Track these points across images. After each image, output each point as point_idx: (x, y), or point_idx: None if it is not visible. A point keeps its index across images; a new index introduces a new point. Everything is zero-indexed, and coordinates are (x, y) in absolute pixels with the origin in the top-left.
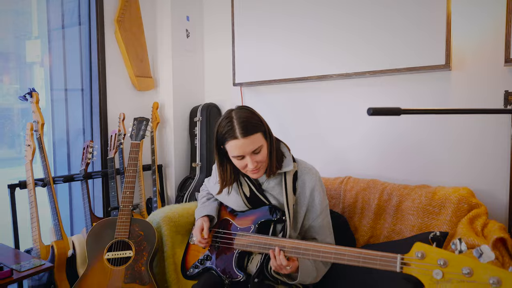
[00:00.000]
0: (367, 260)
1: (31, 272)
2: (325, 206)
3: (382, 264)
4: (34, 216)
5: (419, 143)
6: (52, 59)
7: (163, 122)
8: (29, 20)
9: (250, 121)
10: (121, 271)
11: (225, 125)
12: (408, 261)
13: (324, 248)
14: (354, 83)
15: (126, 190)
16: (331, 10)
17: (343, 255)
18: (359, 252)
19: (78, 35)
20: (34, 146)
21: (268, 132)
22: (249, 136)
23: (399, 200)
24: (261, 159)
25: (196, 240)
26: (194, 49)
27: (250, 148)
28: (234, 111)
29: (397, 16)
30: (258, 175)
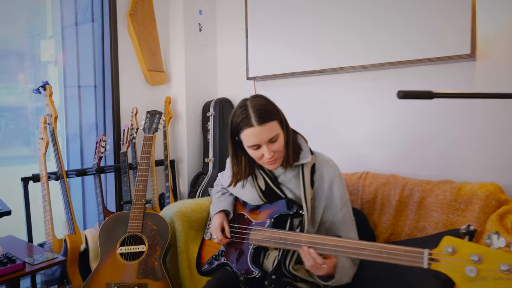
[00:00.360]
0: (390, 255)
1: (44, 265)
2: (345, 200)
3: (407, 260)
4: (47, 209)
5: (442, 137)
6: (66, 56)
7: (175, 117)
8: (44, 19)
9: (265, 108)
10: (134, 266)
11: (240, 114)
12: (437, 257)
13: (342, 243)
14: (372, 76)
15: (139, 184)
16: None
17: (363, 250)
18: (381, 247)
19: (91, 32)
20: (47, 139)
21: (284, 121)
22: (265, 123)
23: (422, 196)
24: (278, 148)
25: (217, 239)
26: (206, 43)
27: (266, 136)
28: (249, 99)
29: (421, 5)
30: (274, 166)
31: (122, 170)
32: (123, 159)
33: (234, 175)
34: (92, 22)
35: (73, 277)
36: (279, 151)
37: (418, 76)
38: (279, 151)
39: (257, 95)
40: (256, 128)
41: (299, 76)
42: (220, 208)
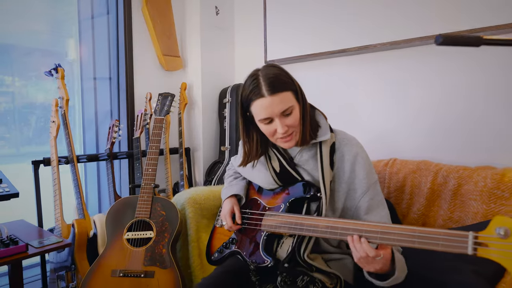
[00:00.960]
0: (425, 239)
1: (47, 248)
2: (373, 182)
3: (446, 245)
4: (57, 193)
5: (479, 119)
6: (82, 43)
7: (191, 104)
8: (69, 17)
9: (278, 77)
10: (141, 253)
11: (250, 84)
12: (485, 240)
13: (367, 227)
14: (400, 54)
15: (148, 167)
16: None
17: (392, 234)
18: (412, 230)
19: (107, 23)
20: (58, 122)
21: (300, 93)
22: (277, 93)
23: (458, 183)
24: (293, 122)
25: (227, 226)
26: (223, 27)
27: (279, 108)
28: (260, 69)
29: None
30: (289, 143)
31: (135, 156)
32: (136, 145)
33: (245, 154)
34: (107, 14)
35: (80, 262)
36: (293, 126)
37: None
38: (293, 126)
39: (270, 64)
40: (267, 99)
41: (319, 57)
42: (232, 192)
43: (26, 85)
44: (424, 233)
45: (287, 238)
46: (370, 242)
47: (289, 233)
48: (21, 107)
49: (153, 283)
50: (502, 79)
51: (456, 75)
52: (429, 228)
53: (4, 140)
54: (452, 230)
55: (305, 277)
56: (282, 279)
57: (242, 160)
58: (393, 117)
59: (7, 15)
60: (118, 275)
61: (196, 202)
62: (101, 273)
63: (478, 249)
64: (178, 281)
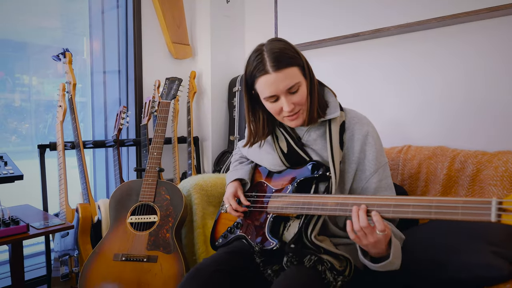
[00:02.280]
0: (443, 209)
1: (49, 230)
2: (383, 164)
3: (467, 213)
4: (62, 178)
5: (497, 104)
6: (92, 39)
7: (200, 93)
8: (82, 14)
9: (284, 52)
10: (144, 237)
11: (254, 60)
12: (510, 206)
13: (380, 201)
14: (415, 38)
15: (153, 151)
16: None
17: (406, 207)
18: (429, 201)
19: (116, 12)
20: (65, 107)
21: (308, 68)
22: (282, 69)
23: (476, 169)
24: (299, 100)
25: (229, 208)
26: (234, 15)
27: (284, 84)
28: (265, 43)
29: None
30: (297, 122)
31: (142, 143)
32: (143, 131)
33: (250, 134)
34: (117, 8)
35: (84, 247)
36: (300, 104)
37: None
38: (300, 103)
39: (276, 38)
40: (272, 75)
41: (332, 43)
42: (236, 176)
43: (42, 82)
44: (441, 202)
45: (294, 221)
46: (383, 217)
47: (296, 213)
48: (37, 104)
49: (155, 268)
50: None
51: (475, 59)
52: (448, 197)
53: (20, 138)
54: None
55: (312, 256)
56: (288, 259)
57: (247, 140)
58: (408, 104)
59: (20, 14)
60: (120, 259)
61: (203, 188)
62: (103, 257)
63: (503, 215)
64: (182, 266)
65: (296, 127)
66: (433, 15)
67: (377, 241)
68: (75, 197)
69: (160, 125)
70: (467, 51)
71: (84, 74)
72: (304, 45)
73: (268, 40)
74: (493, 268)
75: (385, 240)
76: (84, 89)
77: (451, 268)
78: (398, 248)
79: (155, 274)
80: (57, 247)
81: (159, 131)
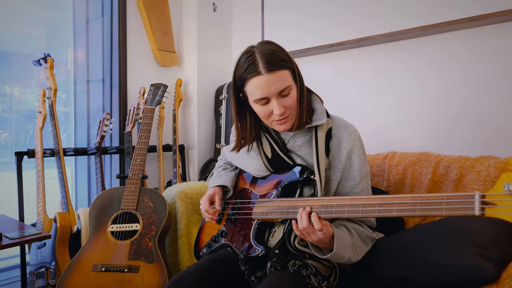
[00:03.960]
0: (427, 205)
1: (24, 239)
2: (366, 173)
3: (451, 208)
4: (40, 186)
5: (480, 112)
6: (76, 48)
7: (186, 100)
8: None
9: (276, 54)
10: (125, 246)
11: (245, 61)
12: (493, 199)
13: (364, 201)
14: (398, 47)
15: (136, 157)
16: None
17: (391, 205)
18: (413, 198)
19: (101, 21)
20: (45, 113)
21: (298, 73)
22: (275, 71)
23: (460, 174)
24: (290, 104)
25: (203, 208)
26: (221, 24)
27: (276, 86)
28: (256, 45)
29: None
30: (285, 126)
31: (126, 151)
32: (127, 139)
33: (238, 139)
34: (102, 17)
35: (62, 258)
36: (291, 108)
37: (451, 43)
38: (291, 107)
39: (266, 41)
40: (264, 77)
41: (317, 52)
42: (218, 183)
43: (24, 92)
44: (426, 199)
45: (279, 227)
46: (369, 217)
47: (281, 218)
48: (18, 114)
49: (137, 278)
50: (501, 71)
51: (455, 68)
52: (431, 193)
53: (0, 148)
54: None
55: (297, 261)
56: (272, 264)
57: (235, 144)
58: (391, 112)
59: (2, 22)
60: (100, 269)
61: (188, 196)
62: (82, 268)
63: (486, 208)
64: (165, 276)
65: (283, 131)
66: (415, 25)
67: (319, 239)
68: (55, 206)
69: (144, 131)
70: (449, 60)
71: (68, 83)
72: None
73: (259, 42)
74: (480, 270)
75: (326, 238)
76: (68, 99)
77: (437, 271)
78: (343, 241)
79: (137, 284)
80: (33, 259)
81: (143, 137)
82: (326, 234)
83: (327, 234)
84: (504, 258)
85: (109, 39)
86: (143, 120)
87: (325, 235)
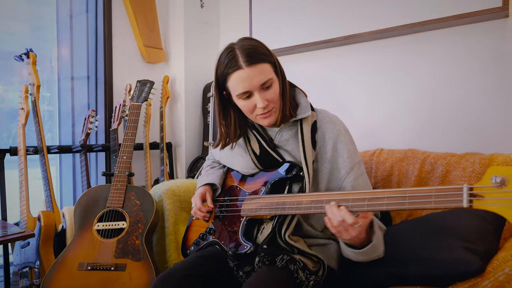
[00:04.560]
0: (416, 199)
1: (8, 238)
2: (357, 162)
3: (440, 201)
4: (23, 184)
5: (466, 110)
6: (60, 44)
7: (174, 98)
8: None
9: (256, 48)
10: (111, 244)
11: (225, 57)
12: (481, 191)
13: (353, 196)
14: (386, 44)
15: (122, 155)
16: None
17: (380, 200)
18: (403, 192)
19: (85, 17)
20: (27, 109)
21: (279, 67)
22: (255, 64)
23: (446, 170)
24: (273, 97)
25: (194, 209)
26: (208, 21)
27: (258, 79)
28: (236, 42)
29: None
30: (269, 120)
31: (112, 148)
32: (113, 136)
33: (221, 137)
34: (86, 13)
35: (46, 257)
36: (274, 101)
37: (437, 41)
38: (274, 100)
39: (246, 37)
40: (245, 70)
41: (305, 49)
42: (206, 181)
43: (7, 90)
44: (415, 192)
45: (268, 223)
46: (357, 211)
47: (270, 215)
48: (0, 113)
49: (124, 277)
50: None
51: (441, 66)
52: (420, 187)
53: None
54: None
55: (285, 256)
56: (260, 259)
57: (218, 142)
58: (379, 111)
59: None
60: (85, 268)
61: (175, 194)
62: (67, 267)
63: (474, 201)
64: (152, 274)
65: (269, 125)
66: (404, 22)
67: (357, 234)
68: (38, 206)
69: (130, 128)
70: (438, 58)
71: (52, 80)
72: (278, 50)
73: (239, 39)
74: (466, 263)
75: (363, 231)
76: (52, 97)
77: (424, 265)
78: (380, 237)
79: (123, 283)
80: (17, 259)
81: (129, 134)
82: (363, 227)
83: (364, 226)
84: (489, 251)
85: (94, 35)
86: (129, 117)
87: (362, 227)
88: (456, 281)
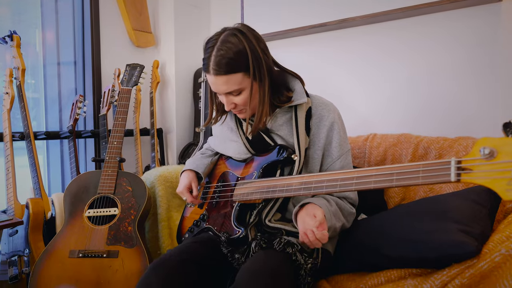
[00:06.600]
0: (404, 175)
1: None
2: (346, 150)
3: (427, 176)
4: (9, 171)
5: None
6: (45, 28)
7: (164, 83)
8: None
9: (230, 56)
10: (103, 231)
11: (205, 51)
12: (469, 164)
13: (342, 175)
14: (379, 29)
15: (113, 140)
16: None
17: (368, 178)
18: (390, 169)
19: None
20: (12, 94)
21: (258, 71)
22: (222, 75)
23: (439, 154)
24: (240, 102)
25: (188, 200)
26: (199, 5)
27: (223, 88)
28: (225, 32)
29: None
30: (243, 115)
31: (101, 134)
32: (103, 122)
33: (211, 110)
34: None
35: (36, 245)
36: (242, 104)
37: (429, 26)
38: (243, 104)
39: (237, 31)
40: (213, 77)
41: (298, 33)
42: (191, 167)
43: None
44: (402, 169)
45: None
46: (346, 190)
47: (261, 199)
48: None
49: (116, 264)
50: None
51: (434, 52)
52: (408, 163)
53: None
54: None
55: (282, 239)
56: (257, 243)
57: (208, 118)
58: (372, 98)
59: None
60: (77, 255)
61: (167, 180)
62: (58, 254)
63: (462, 174)
64: (146, 261)
65: (244, 118)
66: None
67: None
68: (26, 193)
69: (120, 113)
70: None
71: (37, 66)
72: (270, 35)
73: (228, 29)
74: (462, 245)
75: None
76: (37, 84)
77: (421, 248)
78: (336, 213)
79: (116, 270)
80: (5, 248)
81: (120, 119)
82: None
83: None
84: (484, 233)
85: (80, 19)
86: (119, 101)
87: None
88: (453, 263)
